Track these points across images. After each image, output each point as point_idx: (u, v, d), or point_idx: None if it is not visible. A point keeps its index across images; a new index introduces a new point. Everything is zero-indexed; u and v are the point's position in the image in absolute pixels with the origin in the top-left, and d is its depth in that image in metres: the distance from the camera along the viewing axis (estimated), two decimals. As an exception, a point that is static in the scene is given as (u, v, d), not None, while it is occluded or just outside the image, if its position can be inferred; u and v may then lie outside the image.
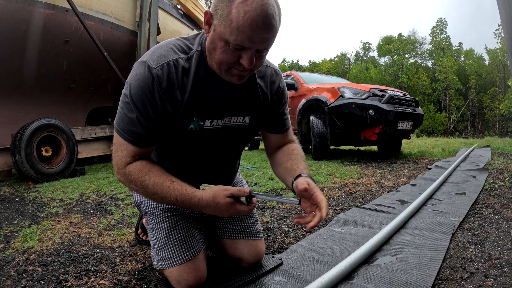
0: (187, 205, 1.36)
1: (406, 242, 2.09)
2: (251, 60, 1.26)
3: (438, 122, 50.80)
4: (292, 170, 1.58)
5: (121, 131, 1.38)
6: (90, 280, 1.71)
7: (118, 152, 1.41)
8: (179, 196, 1.35)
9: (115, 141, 1.43)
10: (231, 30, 1.20)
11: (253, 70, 1.36)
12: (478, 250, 1.96)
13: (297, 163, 1.61)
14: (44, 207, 3.42)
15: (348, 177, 4.53)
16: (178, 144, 1.49)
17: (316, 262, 1.84)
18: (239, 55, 1.26)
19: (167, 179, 1.38)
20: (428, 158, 6.89)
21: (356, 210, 2.88)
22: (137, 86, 1.32)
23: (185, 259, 1.51)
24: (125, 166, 1.41)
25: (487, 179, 4.12)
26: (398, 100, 6.46)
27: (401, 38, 58.31)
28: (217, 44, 1.27)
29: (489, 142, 10.97)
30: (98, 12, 5.94)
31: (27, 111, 5.77)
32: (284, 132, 1.77)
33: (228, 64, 1.29)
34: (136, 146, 1.39)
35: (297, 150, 1.73)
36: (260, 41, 1.23)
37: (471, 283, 1.57)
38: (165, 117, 1.38)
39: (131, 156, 1.40)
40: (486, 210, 2.79)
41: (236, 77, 1.34)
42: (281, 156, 1.71)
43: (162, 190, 1.36)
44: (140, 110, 1.33)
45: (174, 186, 1.36)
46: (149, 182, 1.37)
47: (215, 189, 1.36)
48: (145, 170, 1.39)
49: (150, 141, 1.41)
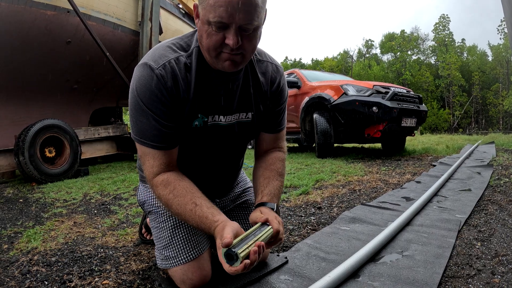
0: (208, 233, 1.33)
1: (412, 239, 2.08)
2: (235, 38, 1.22)
3: (442, 119, 50.71)
4: (259, 193, 1.55)
5: (141, 139, 1.38)
6: (94, 280, 1.70)
7: (145, 163, 1.42)
8: (199, 223, 1.32)
9: (139, 153, 1.44)
10: (209, 8, 1.19)
11: (245, 56, 1.32)
12: (485, 247, 1.94)
13: (265, 184, 1.57)
14: (48, 207, 3.41)
15: (352, 174, 4.51)
16: (183, 141, 1.48)
17: (322, 260, 1.82)
18: (223, 35, 1.24)
19: (190, 202, 1.35)
20: (432, 155, 6.86)
21: (361, 208, 2.86)
22: (144, 89, 1.31)
23: (189, 258, 1.49)
24: (152, 178, 1.41)
25: (492, 175, 4.10)
26: (401, 97, 6.43)
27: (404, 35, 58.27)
28: (202, 30, 1.26)
29: (493, 139, 10.94)
30: (100, 12, 5.94)
31: (30, 113, 5.78)
32: (278, 133, 1.73)
33: (215, 48, 1.27)
34: (160, 149, 1.39)
35: (276, 165, 1.67)
36: (239, 14, 1.19)
37: (478, 280, 1.55)
38: (174, 113, 1.37)
39: (158, 166, 1.40)
40: (492, 206, 2.77)
41: (228, 63, 1.31)
42: (258, 168, 1.68)
43: (185, 213, 1.34)
44: (153, 111, 1.32)
45: (196, 211, 1.33)
46: (173, 202, 1.36)
47: (230, 225, 1.26)
48: (170, 187, 1.37)
49: (171, 140, 1.40)
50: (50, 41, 5.44)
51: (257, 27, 1.27)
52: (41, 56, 5.48)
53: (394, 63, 56.54)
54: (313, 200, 3.20)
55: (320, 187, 3.80)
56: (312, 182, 4.03)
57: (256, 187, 1.60)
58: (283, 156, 1.74)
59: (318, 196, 3.33)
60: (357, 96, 6.23)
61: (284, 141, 1.81)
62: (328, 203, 3.11)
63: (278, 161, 1.69)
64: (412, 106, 6.46)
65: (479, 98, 54.18)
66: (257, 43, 1.35)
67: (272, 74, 1.60)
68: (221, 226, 1.26)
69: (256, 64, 1.56)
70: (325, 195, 3.40)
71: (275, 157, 1.70)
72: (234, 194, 1.92)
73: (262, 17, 1.28)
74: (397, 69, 54.75)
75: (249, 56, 1.35)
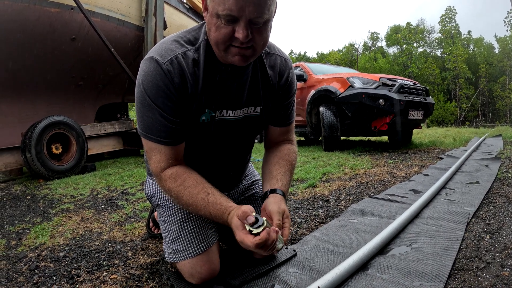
0: (220, 220, 1.32)
1: (420, 232, 2.06)
2: (245, 31, 1.20)
3: (448, 112, 50.40)
4: (273, 178, 1.55)
5: (147, 134, 1.37)
6: (102, 274, 1.70)
7: (152, 158, 1.41)
8: (212, 210, 1.31)
9: (145, 148, 1.43)
10: (218, 1, 1.17)
11: (256, 50, 1.30)
12: (494, 239, 1.93)
13: (282, 173, 1.58)
14: (56, 203, 3.43)
15: (359, 167, 4.49)
16: (190, 136, 1.47)
17: (330, 253, 1.81)
18: (232, 28, 1.21)
19: (202, 191, 1.34)
20: (439, 147, 6.82)
21: (369, 200, 2.85)
22: (151, 84, 1.30)
23: (198, 251, 1.49)
24: (160, 173, 1.40)
25: (500, 168, 4.06)
26: (408, 89, 6.39)
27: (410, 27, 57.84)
28: (211, 23, 1.24)
29: (501, 131, 10.85)
30: (104, 8, 5.95)
31: (37, 110, 5.81)
32: (287, 126, 1.73)
33: (224, 41, 1.24)
34: (166, 145, 1.38)
35: (290, 156, 1.68)
36: (249, 7, 1.16)
37: (487, 273, 1.53)
38: (181, 108, 1.36)
39: (165, 161, 1.39)
40: (500, 199, 2.74)
41: (238, 57, 1.28)
42: (273, 157, 1.68)
43: (197, 202, 1.33)
44: (160, 107, 1.31)
45: (209, 199, 1.32)
46: (184, 193, 1.35)
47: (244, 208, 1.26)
48: (180, 180, 1.37)
49: (178, 135, 1.39)
50: (55, 39, 5.46)
51: (267, 20, 1.24)
52: (46, 54, 5.50)
53: (400, 55, 56.18)
54: (320, 193, 3.19)
55: (328, 180, 3.78)
56: (319, 175, 4.02)
57: (271, 172, 1.59)
58: (296, 149, 1.75)
59: (326, 189, 3.32)
60: (363, 88, 6.19)
61: (294, 133, 1.82)
62: (336, 196, 3.10)
63: (292, 153, 1.71)
64: (419, 98, 6.41)
65: (485, 90, 53.73)
66: (268, 36, 1.32)
67: (281, 67, 1.58)
68: (235, 209, 1.26)
69: (265, 57, 1.53)
70: (332, 188, 3.39)
71: (289, 149, 1.71)
72: (243, 187, 1.91)
73: (273, 10, 1.26)
74: (403, 62, 54.42)
75: (260, 50, 1.32)
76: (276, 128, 1.71)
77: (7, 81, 5.32)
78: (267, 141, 1.79)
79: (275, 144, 1.75)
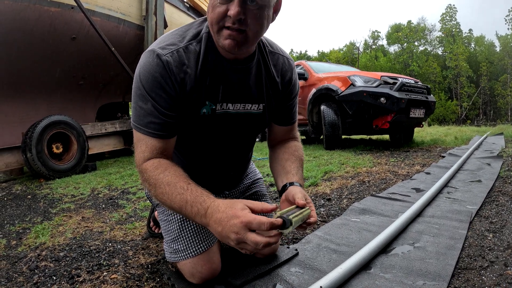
0: (196, 210, 1.17)
1: (423, 230, 2.05)
2: (237, 8, 1.16)
3: (450, 111, 50.35)
4: (289, 173, 1.54)
5: (138, 125, 1.33)
6: (103, 274, 1.69)
7: (138, 148, 1.35)
8: (190, 196, 1.19)
9: (134, 139, 1.38)
10: None
11: (249, 36, 1.25)
12: (497, 238, 1.91)
13: (296, 168, 1.57)
14: (56, 203, 3.42)
15: (361, 166, 4.48)
16: (191, 131, 1.45)
17: (332, 252, 1.80)
18: (226, 8, 1.19)
19: (183, 181, 1.25)
20: (441, 146, 6.81)
21: (371, 199, 2.83)
22: (147, 75, 1.28)
23: (199, 251, 1.48)
24: (142, 163, 1.33)
25: (502, 166, 4.05)
26: (410, 88, 6.36)
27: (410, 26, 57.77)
28: (210, 5, 1.23)
29: (502, 130, 10.84)
30: (104, 7, 5.94)
31: (37, 109, 5.80)
32: (291, 125, 1.72)
33: (218, 21, 1.21)
34: (155, 137, 1.33)
35: (299, 152, 1.68)
36: None
37: (491, 272, 1.52)
38: (179, 102, 1.33)
39: (150, 151, 1.33)
40: (503, 197, 2.73)
41: (229, 41, 1.23)
42: (282, 153, 1.66)
43: (174, 191, 1.22)
44: (154, 98, 1.29)
45: (189, 187, 1.22)
46: (162, 180, 1.25)
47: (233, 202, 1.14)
48: (161, 169, 1.28)
49: (169, 130, 1.35)
50: (55, 38, 5.45)
51: (263, 5, 1.21)
52: (46, 53, 5.50)
53: (401, 54, 56.12)
54: (322, 192, 3.18)
55: (329, 179, 3.77)
56: (320, 173, 4.00)
57: (285, 168, 1.58)
58: (301, 146, 1.75)
59: (327, 188, 3.31)
60: (364, 87, 6.17)
61: (298, 131, 1.81)
62: (338, 194, 3.09)
63: (300, 149, 1.71)
64: (420, 96, 6.39)
65: (487, 89, 53.70)
66: (264, 25, 1.27)
67: (283, 67, 1.57)
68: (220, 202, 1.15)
69: (269, 55, 1.52)
70: (334, 186, 3.38)
71: (296, 146, 1.71)
72: (244, 186, 1.90)
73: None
74: (404, 60, 54.35)
75: (253, 38, 1.27)
76: (281, 127, 1.71)
77: (8, 81, 5.32)
78: (271, 139, 1.77)
79: (281, 142, 1.73)
